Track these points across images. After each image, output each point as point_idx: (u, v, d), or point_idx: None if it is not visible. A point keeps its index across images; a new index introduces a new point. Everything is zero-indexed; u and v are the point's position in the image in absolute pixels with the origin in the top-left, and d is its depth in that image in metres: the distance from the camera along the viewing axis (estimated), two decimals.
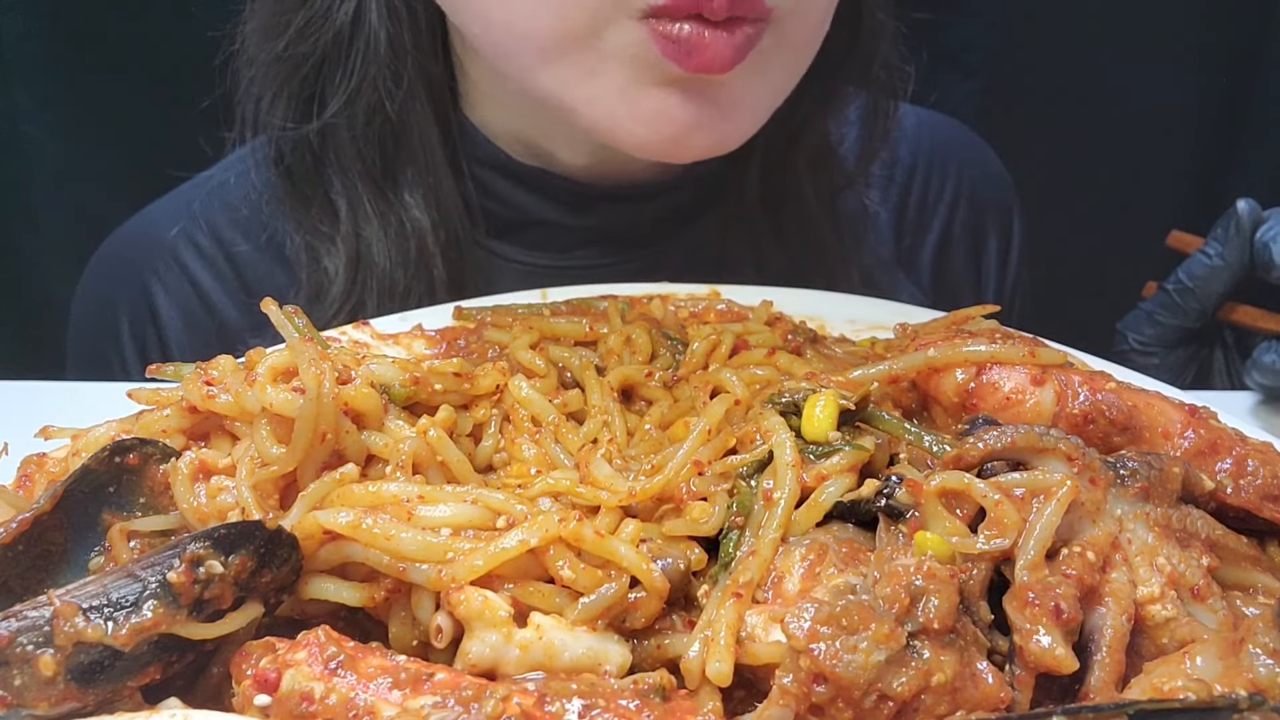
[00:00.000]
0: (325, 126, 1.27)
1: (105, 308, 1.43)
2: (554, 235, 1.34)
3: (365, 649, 0.65)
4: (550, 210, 1.33)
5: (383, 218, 1.28)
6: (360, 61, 1.23)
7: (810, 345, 1.00)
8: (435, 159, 1.28)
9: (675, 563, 0.71)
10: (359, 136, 1.26)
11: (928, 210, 1.55)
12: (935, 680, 0.61)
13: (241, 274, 1.39)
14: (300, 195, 1.31)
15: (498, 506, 0.71)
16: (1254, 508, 0.77)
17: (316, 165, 1.30)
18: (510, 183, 1.32)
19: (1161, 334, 1.29)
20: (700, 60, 1.01)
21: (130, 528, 0.72)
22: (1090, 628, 0.67)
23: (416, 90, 1.25)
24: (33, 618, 0.62)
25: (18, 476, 0.81)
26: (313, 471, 0.74)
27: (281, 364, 0.77)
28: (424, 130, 1.27)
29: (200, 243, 1.39)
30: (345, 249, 1.28)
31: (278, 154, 1.31)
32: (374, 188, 1.28)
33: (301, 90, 1.27)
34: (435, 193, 1.29)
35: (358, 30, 1.22)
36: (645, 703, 0.62)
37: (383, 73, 1.23)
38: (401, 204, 1.28)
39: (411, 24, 1.23)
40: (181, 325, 1.39)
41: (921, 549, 0.67)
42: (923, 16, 1.37)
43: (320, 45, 1.24)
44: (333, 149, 1.28)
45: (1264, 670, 0.61)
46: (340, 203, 1.29)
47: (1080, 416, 0.79)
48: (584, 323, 1.02)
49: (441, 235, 1.29)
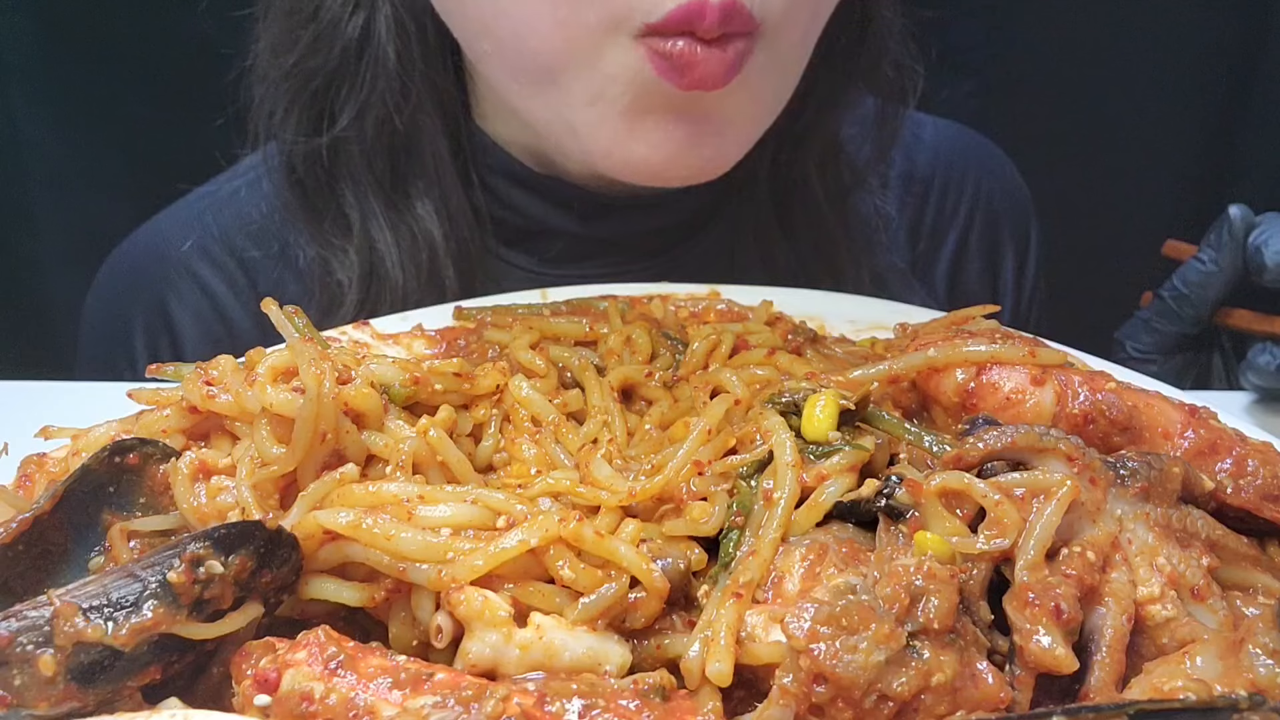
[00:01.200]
0: (336, 140, 1.28)
1: (118, 320, 1.43)
2: (566, 244, 1.35)
3: (365, 649, 0.65)
4: (562, 219, 1.33)
5: (395, 228, 1.29)
6: (369, 76, 1.24)
7: (810, 345, 1.00)
8: (445, 170, 1.29)
9: (675, 563, 0.71)
10: (369, 149, 1.28)
11: (944, 220, 1.55)
12: (935, 680, 0.61)
13: (256, 284, 1.40)
14: (312, 207, 1.32)
15: (498, 506, 0.71)
16: (1254, 508, 0.77)
17: (328, 178, 1.31)
18: (522, 191, 1.33)
19: (1160, 341, 1.29)
20: (694, 77, 1.02)
21: (130, 528, 0.72)
22: (1090, 628, 0.67)
23: (425, 104, 1.26)
24: (33, 618, 0.62)
25: (18, 476, 0.81)
26: (313, 471, 0.74)
27: (281, 364, 0.77)
28: (434, 142, 1.28)
29: (214, 254, 1.40)
30: (359, 260, 1.29)
31: (289, 167, 1.32)
32: (385, 199, 1.29)
33: (312, 104, 1.28)
34: (446, 203, 1.30)
35: (366, 46, 1.24)
36: (645, 703, 0.62)
37: (391, 87, 1.24)
38: (413, 215, 1.29)
39: (420, 39, 1.24)
40: (197, 337, 1.40)
41: (921, 549, 0.67)
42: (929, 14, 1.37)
43: (330, 60, 1.25)
44: (344, 161, 1.29)
45: (1264, 670, 0.61)
46: (353, 214, 1.30)
47: (1080, 416, 0.79)
48: (584, 323, 1.02)
49: (453, 245, 1.30)
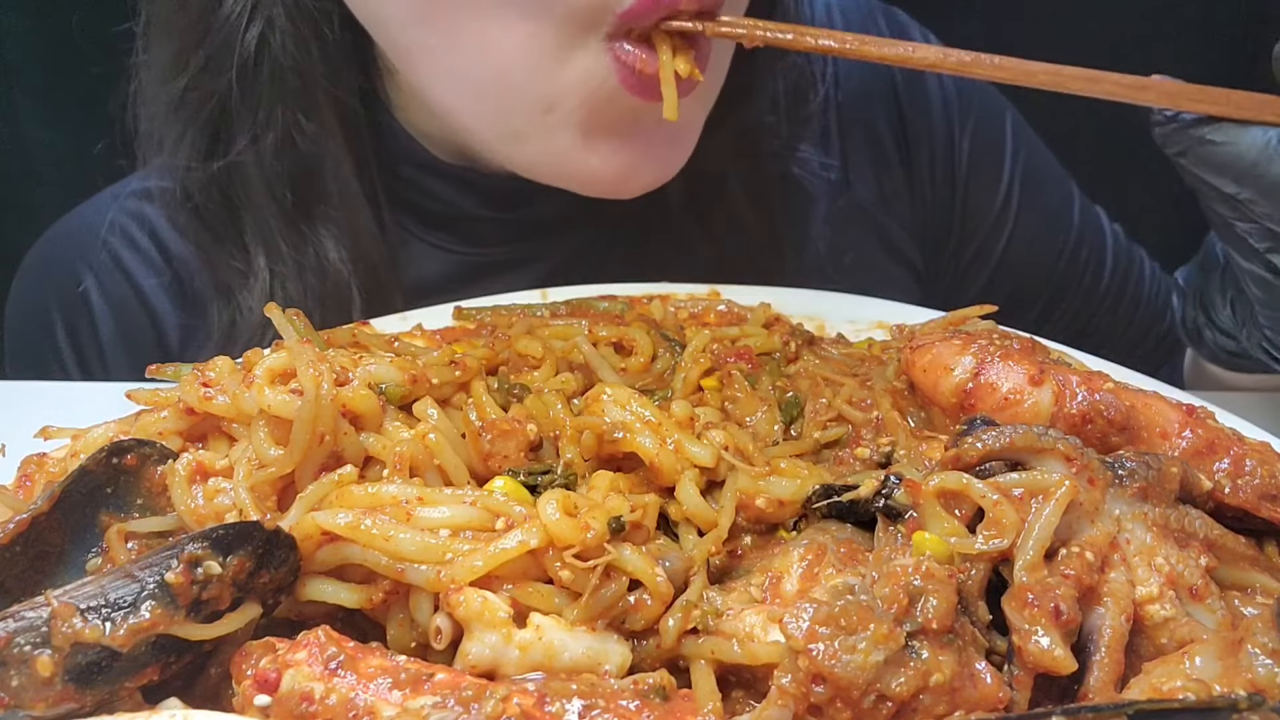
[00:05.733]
0: (232, 164, 1.22)
1: (38, 307, 1.40)
2: (484, 227, 1.33)
3: (365, 649, 0.65)
4: (477, 206, 1.32)
5: (297, 253, 1.24)
6: (266, 96, 1.18)
7: (808, 348, 1.00)
8: (350, 191, 1.24)
9: (676, 562, 0.71)
10: (268, 173, 1.22)
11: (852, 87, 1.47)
12: (934, 680, 0.61)
13: (168, 257, 1.35)
14: (212, 232, 1.27)
15: (497, 508, 0.71)
16: (1252, 507, 0.77)
17: (225, 203, 1.25)
18: (437, 180, 1.31)
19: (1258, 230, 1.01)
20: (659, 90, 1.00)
21: (128, 529, 0.72)
22: (1089, 628, 0.67)
23: (329, 122, 1.21)
24: (30, 618, 0.62)
25: (17, 477, 0.81)
26: (310, 473, 0.74)
27: (279, 365, 0.77)
28: (338, 162, 1.23)
29: (137, 240, 1.35)
30: (258, 286, 1.24)
31: (184, 194, 1.26)
32: (287, 224, 1.24)
33: (205, 129, 1.21)
34: (351, 226, 1.25)
35: (262, 63, 1.17)
36: (645, 703, 0.62)
37: (291, 107, 1.19)
38: (316, 239, 1.24)
39: (321, 50, 1.17)
40: (118, 325, 1.36)
41: (920, 549, 0.67)
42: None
43: (224, 81, 1.18)
44: (241, 186, 1.23)
45: (1263, 670, 0.61)
46: (252, 241, 1.25)
47: (1078, 416, 0.79)
48: (583, 324, 1.01)
49: (360, 268, 1.25)
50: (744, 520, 0.77)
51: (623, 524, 0.69)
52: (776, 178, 1.41)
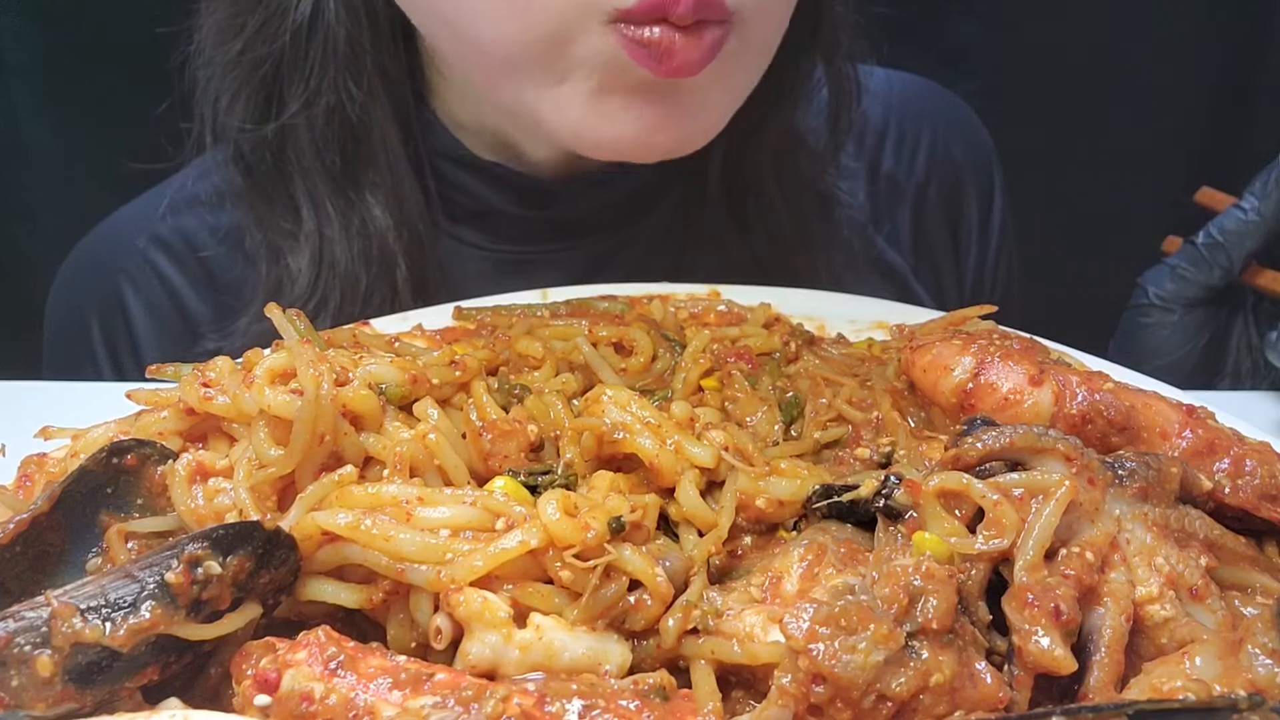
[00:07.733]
0: (284, 127, 1.26)
1: (76, 313, 1.43)
2: (513, 224, 1.35)
3: (365, 649, 0.65)
4: (507, 203, 1.34)
5: (344, 217, 1.28)
6: (319, 62, 1.22)
7: (808, 348, 1.00)
8: (396, 159, 1.28)
9: (676, 563, 0.71)
10: (319, 137, 1.26)
11: (901, 171, 1.52)
12: (934, 680, 0.61)
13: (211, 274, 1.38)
14: (262, 193, 1.31)
15: (497, 508, 0.71)
16: (1252, 508, 0.78)
17: (277, 165, 1.29)
18: (469, 175, 1.33)
19: (1183, 290, 1.25)
20: (671, 65, 1.02)
21: (128, 529, 0.72)
22: (1089, 628, 0.67)
23: (376, 91, 1.25)
24: (30, 618, 0.62)
25: (17, 477, 0.81)
26: (310, 473, 0.74)
27: (279, 365, 0.77)
28: (384, 130, 1.27)
29: (170, 244, 1.39)
30: (308, 247, 1.28)
31: (237, 153, 1.30)
32: (335, 188, 1.28)
33: (260, 91, 1.25)
34: (397, 193, 1.28)
35: (315, 30, 1.21)
36: (645, 703, 0.62)
37: (342, 73, 1.22)
38: (363, 204, 1.28)
39: (371, 23, 1.22)
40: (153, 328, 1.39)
41: (920, 549, 0.67)
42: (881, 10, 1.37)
43: (278, 46, 1.22)
44: (292, 149, 1.27)
45: (1263, 670, 0.61)
46: (303, 204, 1.29)
47: (1078, 417, 0.79)
48: (583, 324, 1.02)
49: (405, 234, 1.28)
50: (744, 520, 0.77)
51: (623, 524, 0.69)
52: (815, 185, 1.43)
